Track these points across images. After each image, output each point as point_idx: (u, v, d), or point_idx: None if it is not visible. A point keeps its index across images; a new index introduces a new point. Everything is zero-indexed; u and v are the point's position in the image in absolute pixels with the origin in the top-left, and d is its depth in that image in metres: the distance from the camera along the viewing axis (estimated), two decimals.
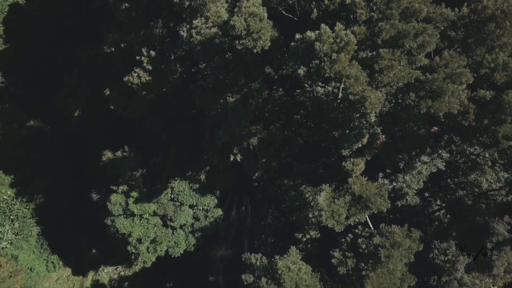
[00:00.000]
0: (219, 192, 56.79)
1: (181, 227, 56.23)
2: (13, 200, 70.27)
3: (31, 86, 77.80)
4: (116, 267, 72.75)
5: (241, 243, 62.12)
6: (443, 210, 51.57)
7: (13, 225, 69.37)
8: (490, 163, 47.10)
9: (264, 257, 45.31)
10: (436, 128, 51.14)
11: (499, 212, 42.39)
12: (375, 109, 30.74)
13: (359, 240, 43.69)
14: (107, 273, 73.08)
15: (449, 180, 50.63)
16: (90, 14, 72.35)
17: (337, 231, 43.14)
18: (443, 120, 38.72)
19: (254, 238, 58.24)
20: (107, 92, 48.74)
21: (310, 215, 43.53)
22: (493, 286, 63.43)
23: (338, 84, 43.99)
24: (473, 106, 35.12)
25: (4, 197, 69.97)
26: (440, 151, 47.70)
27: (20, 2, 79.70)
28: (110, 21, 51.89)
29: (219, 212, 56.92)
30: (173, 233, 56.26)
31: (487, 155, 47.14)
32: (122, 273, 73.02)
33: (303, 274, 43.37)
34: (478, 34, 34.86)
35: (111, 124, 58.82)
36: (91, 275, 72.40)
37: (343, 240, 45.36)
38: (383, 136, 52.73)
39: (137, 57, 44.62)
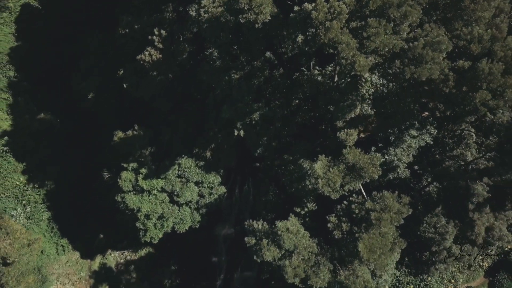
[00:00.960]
0: (223, 171, 59.68)
1: (187, 204, 58.59)
2: (25, 186, 73.55)
3: (42, 80, 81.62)
4: (122, 251, 74.78)
5: (243, 222, 64.91)
6: (432, 185, 55.06)
7: (25, 209, 72.54)
8: (474, 137, 50.87)
9: (265, 222, 48.61)
10: (427, 113, 55.20)
11: (480, 176, 45.90)
12: (364, 70, 34.71)
13: (353, 206, 47.06)
14: (114, 257, 75.23)
15: (437, 155, 54.42)
16: (90, 14, 76.88)
17: (332, 198, 46.38)
18: (427, 88, 42.45)
19: (256, 216, 61.37)
20: (121, 72, 52.51)
21: (307, 183, 46.82)
22: (483, 262, 66.82)
23: (334, 67, 48.22)
24: (452, 74, 39.12)
25: (17, 183, 73.35)
26: (428, 127, 51.67)
27: (31, 2, 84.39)
28: (123, 7, 55.95)
29: (223, 189, 59.53)
30: (179, 210, 58.84)
31: (472, 130, 51.03)
32: (128, 258, 75.16)
33: (301, 237, 46.52)
34: (456, 10, 39.15)
35: (123, 105, 62.37)
36: (98, 259, 74.53)
37: (338, 207, 48.68)
38: (376, 120, 56.68)
39: (149, 37, 48.61)
